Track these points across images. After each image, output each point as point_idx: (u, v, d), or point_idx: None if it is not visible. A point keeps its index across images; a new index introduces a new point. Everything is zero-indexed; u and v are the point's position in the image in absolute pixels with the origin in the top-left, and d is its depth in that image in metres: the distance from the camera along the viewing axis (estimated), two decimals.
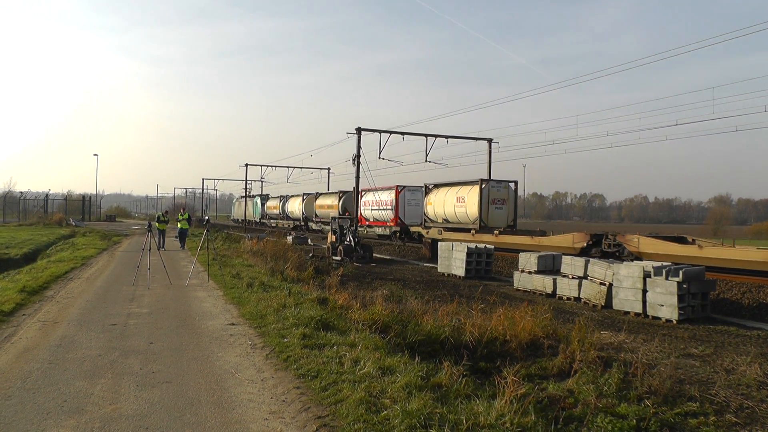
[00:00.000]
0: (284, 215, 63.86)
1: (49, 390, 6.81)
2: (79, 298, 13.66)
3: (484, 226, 28.84)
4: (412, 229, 36.12)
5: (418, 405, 5.75)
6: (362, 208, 41.98)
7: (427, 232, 31.52)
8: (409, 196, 39.20)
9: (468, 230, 28.61)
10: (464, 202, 30.35)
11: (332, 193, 52.08)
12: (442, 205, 32.02)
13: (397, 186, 39.47)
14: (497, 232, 26.83)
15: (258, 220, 73.21)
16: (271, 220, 69.08)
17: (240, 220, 75.88)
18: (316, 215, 53.27)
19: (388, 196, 39.96)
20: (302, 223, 57.48)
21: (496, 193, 29.75)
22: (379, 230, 41.61)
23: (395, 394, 6.20)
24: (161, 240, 29.27)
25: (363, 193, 39.96)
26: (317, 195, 54.37)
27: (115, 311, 11.99)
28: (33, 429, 5.63)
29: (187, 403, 6.40)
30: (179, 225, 31.65)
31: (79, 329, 10.20)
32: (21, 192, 77.03)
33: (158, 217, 31.57)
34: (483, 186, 29.46)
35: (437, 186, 33.58)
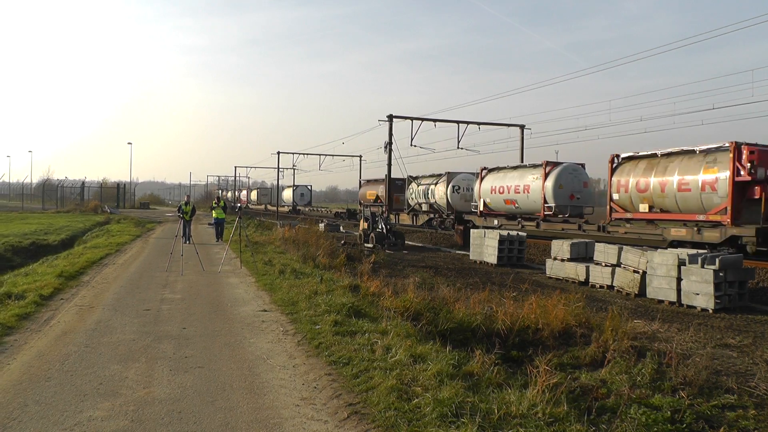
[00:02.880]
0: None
1: (85, 373, 6.94)
2: (114, 284, 13.88)
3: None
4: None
5: (449, 393, 5.73)
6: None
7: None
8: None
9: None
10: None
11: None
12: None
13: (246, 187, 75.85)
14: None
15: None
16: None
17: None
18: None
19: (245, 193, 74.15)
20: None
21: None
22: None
23: (427, 382, 6.18)
24: (187, 231, 25.04)
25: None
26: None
27: (148, 297, 12.16)
28: (71, 410, 5.74)
29: (219, 388, 6.46)
30: (215, 214, 27.60)
31: (114, 314, 10.37)
32: (58, 180, 78.59)
33: (179, 207, 26.62)
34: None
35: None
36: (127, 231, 32.48)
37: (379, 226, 26.78)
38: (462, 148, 35.57)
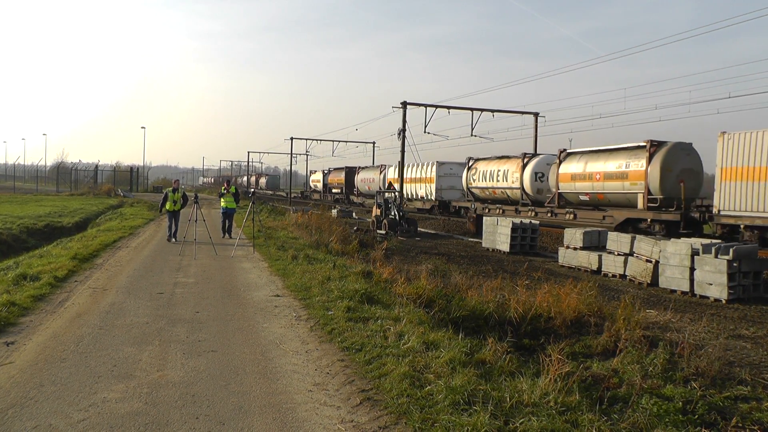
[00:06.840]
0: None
1: (99, 355, 7.00)
2: (127, 267, 13.97)
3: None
4: None
5: (461, 381, 5.74)
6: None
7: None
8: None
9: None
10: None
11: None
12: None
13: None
14: None
15: None
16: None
17: None
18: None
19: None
20: None
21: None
22: None
23: (439, 369, 6.20)
24: (173, 226, 20.73)
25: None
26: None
27: (162, 280, 12.23)
28: (86, 391, 5.80)
29: (232, 372, 6.50)
30: (223, 202, 22.24)
31: (128, 297, 10.44)
32: (72, 163, 79.12)
33: (165, 194, 21.25)
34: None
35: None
36: (140, 214, 32.63)
37: (392, 213, 26.78)
38: (475, 136, 35.47)
